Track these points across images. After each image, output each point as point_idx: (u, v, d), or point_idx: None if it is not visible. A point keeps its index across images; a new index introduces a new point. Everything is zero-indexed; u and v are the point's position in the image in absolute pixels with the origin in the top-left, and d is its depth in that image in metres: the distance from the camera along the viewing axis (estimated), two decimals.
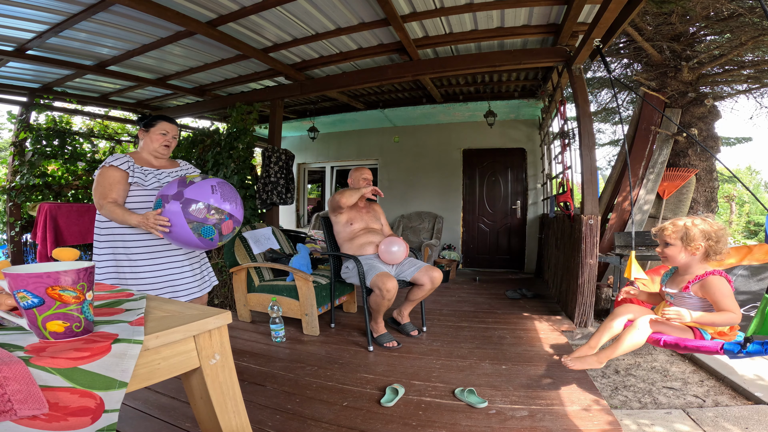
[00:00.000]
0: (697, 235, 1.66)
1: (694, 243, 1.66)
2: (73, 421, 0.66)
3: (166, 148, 2.19)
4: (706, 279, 1.65)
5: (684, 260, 1.72)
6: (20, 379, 0.62)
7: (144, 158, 2.17)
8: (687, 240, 1.67)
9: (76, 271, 0.74)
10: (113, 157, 2.05)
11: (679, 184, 4.46)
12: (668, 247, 1.73)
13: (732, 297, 1.56)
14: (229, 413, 1.01)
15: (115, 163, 2.01)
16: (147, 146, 2.16)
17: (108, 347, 0.72)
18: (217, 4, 3.00)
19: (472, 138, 6.53)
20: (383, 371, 2.43)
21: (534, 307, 3.95)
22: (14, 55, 3.65)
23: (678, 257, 1.72)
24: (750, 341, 1.34)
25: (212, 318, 0.94)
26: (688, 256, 1.71)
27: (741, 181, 2.09)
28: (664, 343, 1.61)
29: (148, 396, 2.07)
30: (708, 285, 1.64)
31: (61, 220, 4.14)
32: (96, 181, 2.02)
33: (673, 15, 4.41)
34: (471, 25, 3.46)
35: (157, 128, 2.15)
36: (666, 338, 1.60)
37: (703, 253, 1.69)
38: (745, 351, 1.36)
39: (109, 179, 2.00)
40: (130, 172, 2.04)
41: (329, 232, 3.21)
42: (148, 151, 2.17)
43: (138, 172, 2.06)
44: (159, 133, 2.15)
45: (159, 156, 2.20)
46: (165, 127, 2.17)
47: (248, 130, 4.52)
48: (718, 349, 1.43)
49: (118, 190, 2.00)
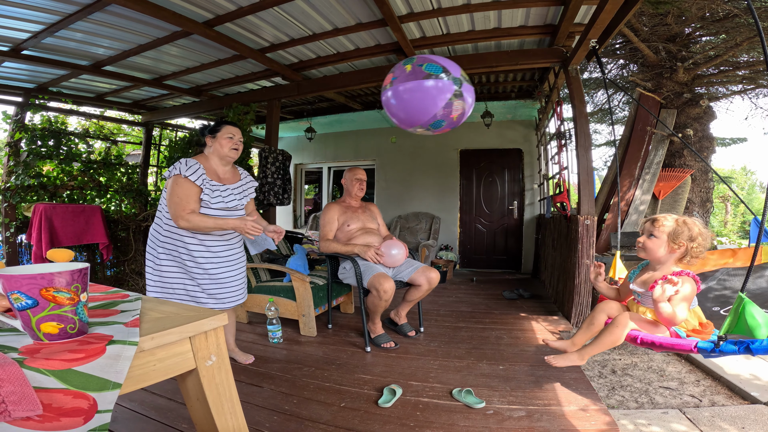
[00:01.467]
0: (684, 234, 1.65)
1: (678, 240, 1.65)
2: (66, 422, 0.66)
3: (235, 152, 2.26)
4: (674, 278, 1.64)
5: (660, 255, 1.71)
6: (14, 381, 0.61)
7: (212, 167, 2.22)
8: (673, 236, 1.67)
9: (71, 272, 0.74)
10: (186, 167, 2.07)
11: (675, 184, 4.48)
12: (651, 239, 1.71)
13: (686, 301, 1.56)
14: (225, 415, 1.01)
15: (190, 176, 2.05)
16: (217, 151, 2.21)
17: (103, 349, 0.71)
18: (213, 4, 3.00)
19: (469, 138, 6.54)
20: (381, 372, 2.43)
21: (531, 308, 3.95)
22: (9, 55, 3.63)
23: (657, 251, 1.70)
24: (723, 340, 1.34)
25: (208, 319, 0.93)
26: (666, 253, 1.70)
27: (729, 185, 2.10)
28: (641, 341, 1.61)
29: (145, 397, 2.06)
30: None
31: (57, 221, 4.11)
32: (171, 191, 2.05)
33: (669, 16, 4.44)
34: (468, 26, 3.46)
35: (224, 132, 2.21)
36: (642, 336, 1.61)
37: (681, 252, 1.68)
38: (718, 350, 1.36)
39: (186, 190, 2.04)
40: (203, 188, 2.09)
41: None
42: (219, 156, 2.23)
43: (207, 187, 2.10)
44: (226, 137, 2.21)
45: (228, 160, 2.26)
46: (230, 131, 2.24)
47: (245, 130, 4.51)
48: (692, 348, 1.43)
49: (195, 201, 2.07)
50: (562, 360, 1.83)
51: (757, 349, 1.29)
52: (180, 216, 2.02)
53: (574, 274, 3.29)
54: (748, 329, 1.25)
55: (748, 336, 1.27)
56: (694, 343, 1.44)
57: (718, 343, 1.35)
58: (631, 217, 4.42)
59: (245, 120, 4.60)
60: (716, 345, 1.36)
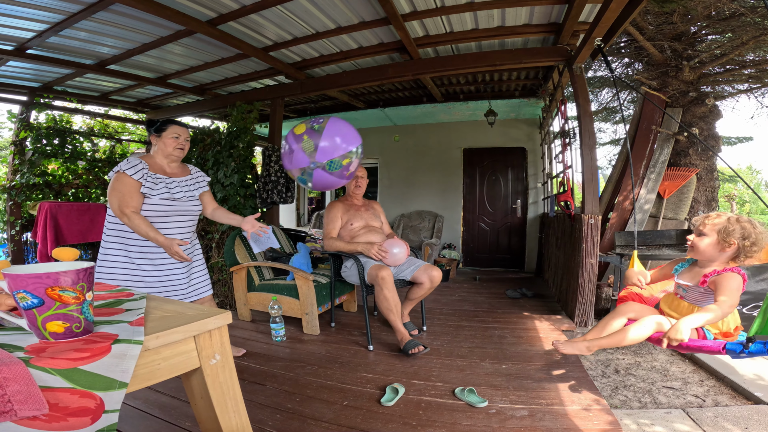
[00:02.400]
0: (737, 232, 1.60)
1: (729, 239, 1.61)
2: (73, 422, 0.66)
3: (181, 151, 2.25)
4: (724, 273, 1.59)
5: (710, 254, 1.66)
6: (20, 380, 0.62)
7: (158, 164, 2.22)
8: (724, 234, 1.62)
9: (76, 271, 0.74)
10: (128, 164, 2.08)
11: (680, 183, 4.45)
12: (701, 237, 1.67)
13: (734, 296, 1.52)
14: (229, 413, 1.01)
15: (129, 171, 2.05)
16: (162, 150, 2.21)
17: (108, 348, 0.72)
18: (217, 3, 3.00)
19: (472, 137, 6.53)
20: (383, 370, 2.43)
21: (534, 307, 3.95)
22: (14, 54, 3.65)
23: (707, 249, 1.66)
24: (752, 341, 1.33)
25: (212, 318, 0.94)
26: (717, 251, 1.65)
27: (744, 180, 2.08)
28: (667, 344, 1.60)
29: (149, 395, 2.07)
30: (722, 279, 1.58)
31: (62, 219, 4.14)
32: (112, 186, 2.06)
33: (675, 14, 4.40)
34: (471, 24, 3.45)
35: (169, 132, 2.20)
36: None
37: (733, 251, 1.63)
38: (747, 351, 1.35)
39: (126, 186, 2.04)
40: (143, 181, 2.08)
41: None
42: (164, 155, 2.22)
43: (149, 180, 2.10)
44: (171, 137, 2.20)
45: (174, 159, 2.25)
46: (176, 130, 2.22)
47: (248, 129, 4.52)
48: (720, 349, 1.42)
49: (136, 198, 2.06)
50: (570, 347, 1.79)
51: None
52: (123, 212, 2.03)
53: (577, 273, 3.28)
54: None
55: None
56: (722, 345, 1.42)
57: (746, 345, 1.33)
58: (636, 216, 4.40)
59: (249, 118, 4.60)
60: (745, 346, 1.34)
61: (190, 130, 2.35)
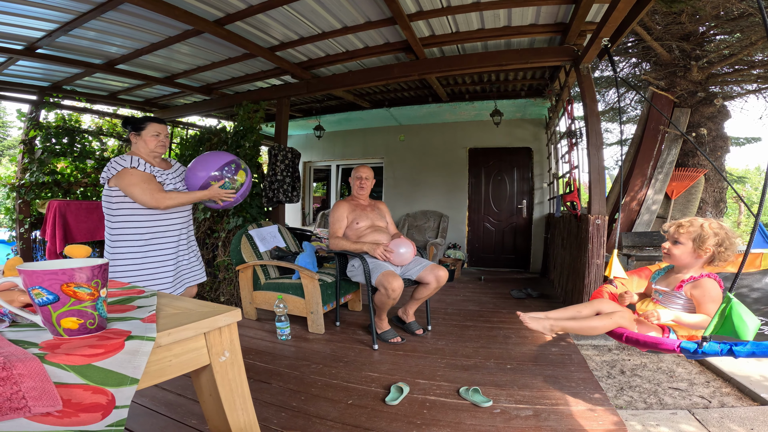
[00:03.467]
0: (711, 239, 1.63)
1: (705, 246, 1.64)
2: (85, 417, 0.67)
3: (162, 147, 2.27)
4: (701, 280, 1.63)
5: (686, 260, 1.69)
6: (35, 376, 0.63)
7: (145, 158, 2.24)
8: (699, 241, 1.65)
9: (91, 267, 0.75)
10: (126, 160, 2.11)
11: (688, 184, 4.42)
12: (677, 245, 1.70)
13: (716, 303, 1.55)
14: (237, 410, 1.02)
15: (136, 165, 2.12)
16: (143, 148, 2.21)
17: (121, 344, 0.73)
18: (224, 3, 3.02)
19: (478, 137, 6.52)
20: (388, 369, 2.44)
21: (539, 307, 3.93)
22: (25, 54, 3.69)
23: (683, 257, 1.69)
24: (707, 340, 1.33)
25: (222, 315, 0.95)
26: (692, 258, 1.68)
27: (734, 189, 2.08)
28: (625, 338, 1.59)
29: (155, 393, 2.09)
30: (700, 286, 1.62)
31: (70, 217, 4.18)
32: (128, 183, 2.08)
33: (683, 14, 4.37)
34: (477, 24, 3.45)
35: (149, 131, 2.19)
36: (628, 333, 1.59)
37: (708, 257, 1.67)
38: (701, 351, 1.34)
39: (141, 176, 2.11)
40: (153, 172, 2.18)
41: None
42: (145, 152, 2.22)
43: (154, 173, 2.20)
44: (151, 135, 2.20)
45: (156, 156, 2.27)
46: (156, 128, 2.21)
47: (255, 128, 4.54)
48: (675, 348, 1.42)
49: (155, 182, 2.15)
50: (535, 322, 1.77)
51: (739, 352, 1.27)
52: (156, 198, 2.10)
53: (583, 274, 3.27)
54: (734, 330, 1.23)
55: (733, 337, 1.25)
56: (677, 343, 1.42)
57: (701, 344, 1.34)
58: (643, 216, 4.37)
59: (255, 118, 4.63)
60: (699, 346, 1.34)
61: (168, 126, 2.39)
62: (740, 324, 1.23)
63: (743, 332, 1.22)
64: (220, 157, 2.32)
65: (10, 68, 4.09)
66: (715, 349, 1.32)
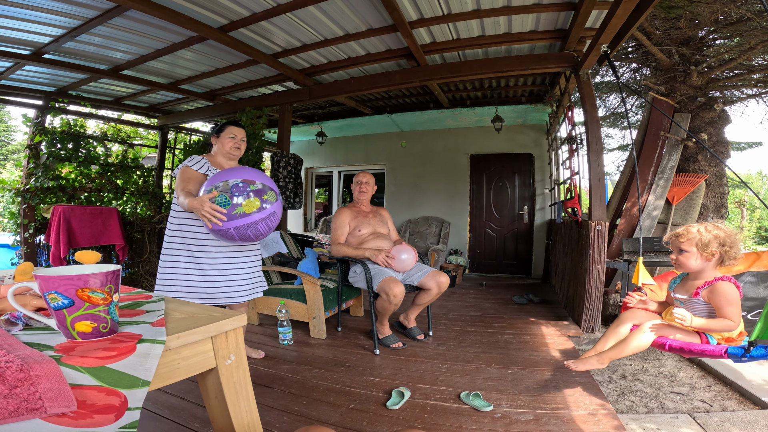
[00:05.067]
0: (712, 242, 1.66)
1: (710, 249, 1.66)
2: (99, 419, 0.69)
3: (237, 150, 2.42)
4: (715, 284, 1.65)
5: (697, 266, 1.72)
6: (51, 378, 0.65)
7: (218, 162, 2.39)
8: (702, 246, 1.67)
9: (105, 273, 0.78)
10: (191, 160, 2.27)
11: (689, 189, 4.44)
12: (682, 254, 1.72)
13: (736, 305, 1.56)
14: (242, 413, 1.04)
15: (191, 165, 2.24)
16: (220, 150, 2.39)
17: (133, 347, 0.75)
18: (228, 10, 3.07)
19: (479, 143, 6.55)
20: (389, 374, 2.45)
21: (541, 313, 3.94)
22: (31, 59, 3.74)
23: (691, 264, 1.71)
24: (754, 345, 1.35)
25: (229, 320, 0.97)
26: (702, 263, 1.70)
27: (750, 187, 2.09)
28: (669, 347, 1.61)
29: (158, 396, 2.11)
30: (716, 290, 1.64)
31: (75, 223, 4.21)
32: (178, 179, 2.22)
33: (682, 20, 4.41)
34: (478, 31, 3.49)
35: (226, 133, 2.38)
36: (671, 342, 1.61)
37: (717, 259, 1.69)
38: (749, 355, 1.36)
39: (187, 175, 2.21)
40: (208, 173, 2.24)
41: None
42: (222, 153, 2.39)
43: (213, 172, 2.25)
44: (228, 137, 2.38)
45: (231, 158, 2.42)
46: (233, 131, 2.40)
47: (258, 134, 4.58)
48: (722, 353, 1.44)
49: (194, 184, 2.18)
50: (582, 364, 1.84)
51: None
52: (179, 195, 2.12)
53: (585, 280, 3.28)
54: None
55: None
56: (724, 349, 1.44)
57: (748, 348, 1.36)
58: (645, 222, 4.39)
59: (258, 124, 4.67)
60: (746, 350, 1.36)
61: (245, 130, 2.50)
62: None
63: None
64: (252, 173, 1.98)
65: (17, 73, 4.14)
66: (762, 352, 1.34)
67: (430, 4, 3.03)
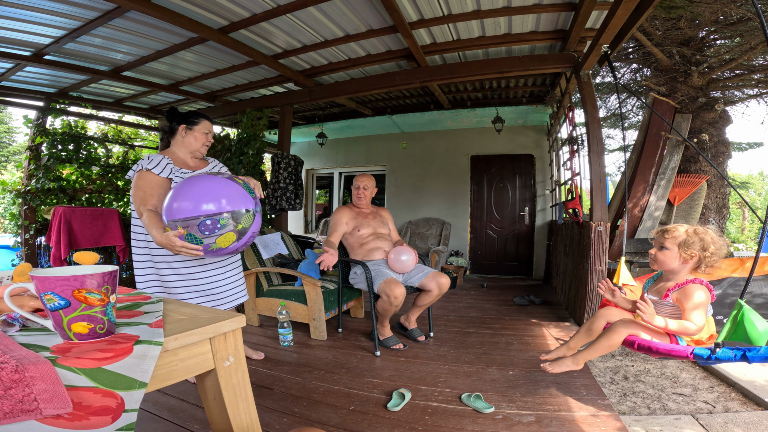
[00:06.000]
0: (696, 244, 1.64)
1: (690, 251, 1.64)
2: (95, 420, 0.68)
3: (206, 148, 2.18)
4: (686, 286, 1.63)
5: (673, 266, 1.70)
6: (47, 379, 0.64)
7: (180, 158, 2.12)
8: (684, 246, 1.65)
9: (102, 274, 0.78)
10: (150, 161, 1.98)
11: (690, 190, 4.42)
12: (663, 251, 1.71)
13: (701, 308, 1.54)
14: (240, 414, 1.04)
15: (154, 169, 1.95)
16: (189, 145, 2.12)
17: (130, 348, 0.75)
18: (228, 11, 3.07)
19: (479, 144, 6.54)
20: (390, 376, 2.44)
21: (542, 314, 3.93)
22: (32, 60, 3.74)
23: (669, 262, 1.70)
24: (720, 346, 1.33)
25: (227, 321, 0.96)
26: (679, 264, 1.68)
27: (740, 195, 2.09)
28: (637, 346, 1.60)
29: (158, 398, 2.10)
30: (684, 291, 1.61)
31: (75, 224, 4.21)
32: (135, 185, 1.95)
33: (682, 20, 4.40)
34: (478, 32, 3.48)
35: (202, 127, 2.12)
36: (640, 341, 1.60)
37: (695, 262, 1.67)
38: (714, 356, 1.35)
39: (149, 183, 1.93)
40: (173, 177, 1.99)
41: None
42: (189, 150, 2.13)
43: (177, 176, 2.01)
44: (203, 132, 2.12)
45: (199, 156, 2.17)
46: (208, 126, 2.14)
47: (258, 135, 4.58)
48: (688, 354, 1.42)
49: (158, 195, 1.91)
50: (558, 366, 1.83)
51: (753, 357, 1.28)
52: (140, 211, 1.89)
53: (586, 281, 3.27)
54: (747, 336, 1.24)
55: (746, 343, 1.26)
56: (690, 350, 1.43)
57: (714, 350, 1.35)
58: (646, 223, 4.37)
59: (258, 125, 4.67)
60: (713, 352, 1.35)
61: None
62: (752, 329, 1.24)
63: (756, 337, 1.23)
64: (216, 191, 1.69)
65: (18, 74, 4.14)
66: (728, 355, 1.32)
67: (430, 4, 3.03)
